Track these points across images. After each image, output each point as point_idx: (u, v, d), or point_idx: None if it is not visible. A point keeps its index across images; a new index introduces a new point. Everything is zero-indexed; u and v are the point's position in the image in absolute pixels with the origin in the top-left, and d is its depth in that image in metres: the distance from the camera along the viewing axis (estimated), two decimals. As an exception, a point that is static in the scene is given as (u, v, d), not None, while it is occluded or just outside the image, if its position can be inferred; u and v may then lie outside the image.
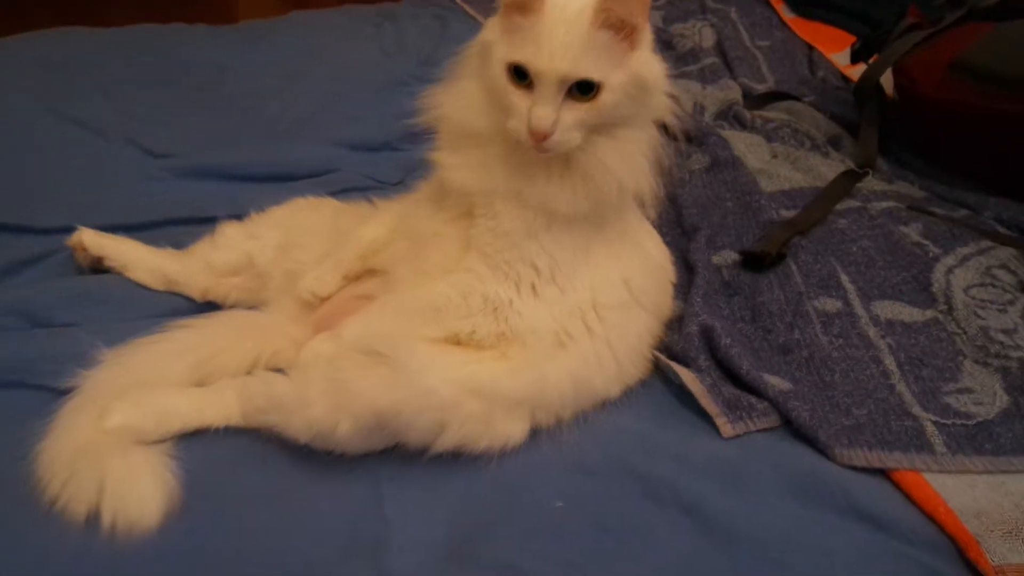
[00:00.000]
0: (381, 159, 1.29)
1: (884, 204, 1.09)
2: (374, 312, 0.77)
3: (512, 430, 0.73)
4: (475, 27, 1.83)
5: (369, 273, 0.86)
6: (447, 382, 0.69)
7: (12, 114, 1.30)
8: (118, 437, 0.70)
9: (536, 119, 0.65)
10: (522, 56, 0.66)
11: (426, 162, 0.82)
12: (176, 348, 0.79)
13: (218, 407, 0.75)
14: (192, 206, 1.08)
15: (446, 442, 0.70)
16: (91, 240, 0.94)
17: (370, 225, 0.87)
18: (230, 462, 0.72)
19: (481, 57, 0.72)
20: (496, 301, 0.74)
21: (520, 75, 0.67)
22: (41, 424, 0.70)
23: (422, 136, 1.29)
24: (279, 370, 0.77)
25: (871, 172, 1.21)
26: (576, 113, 0.67)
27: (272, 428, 0.72)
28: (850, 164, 1.24)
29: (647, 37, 0.70)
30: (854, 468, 0.72)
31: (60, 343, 0.80)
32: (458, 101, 0.75)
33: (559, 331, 0.75)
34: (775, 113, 1.41)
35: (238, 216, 0.97)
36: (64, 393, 0.73)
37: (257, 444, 0.73)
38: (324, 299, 0.85)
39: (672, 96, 0.75)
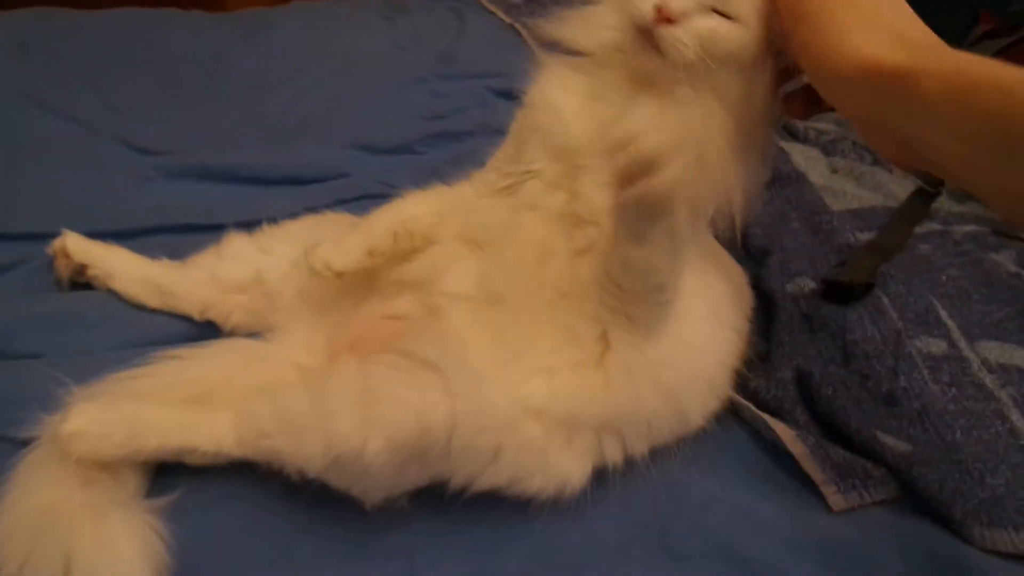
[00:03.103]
0: (398, 163, 1.15)
1: (967, 228, 0.98)
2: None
3: (571, 468, 0.61)
4: (494, 21, 1.74)
5: (399, 285, 0.72)
6: (505, 397, 0.58)
7: (-17, 101, 1.15)
8: (74, 449, 0.57)
9: None
10: None
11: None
12: (165, 384, 0.65)
13: (209, 427, 0.61)
14: (189, 211, 0.94)
15: (498, 474, 0.58)
16: (75, 245, 0.80)
17: (410, 200, 0.74)
18: (235, 533, 0.59)
19: None
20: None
21: None
22: (-7, 485, 0.55)
23: (446, 138, 1.19)
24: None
25: (943, 190, 1.10)
26: (706, 22, 0.60)
27: (276, 456, 0.58)
28: (916, 181, 1.12)
29: None
30: (999, 553, 0.59)
31: (19, 379, 0.66)
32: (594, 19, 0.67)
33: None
34: (827, 124, 1.30)
35: (242, 223, 0.84)
36: (23, 444, 0.59)
37: (268, 513, 0.60)
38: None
39: None
